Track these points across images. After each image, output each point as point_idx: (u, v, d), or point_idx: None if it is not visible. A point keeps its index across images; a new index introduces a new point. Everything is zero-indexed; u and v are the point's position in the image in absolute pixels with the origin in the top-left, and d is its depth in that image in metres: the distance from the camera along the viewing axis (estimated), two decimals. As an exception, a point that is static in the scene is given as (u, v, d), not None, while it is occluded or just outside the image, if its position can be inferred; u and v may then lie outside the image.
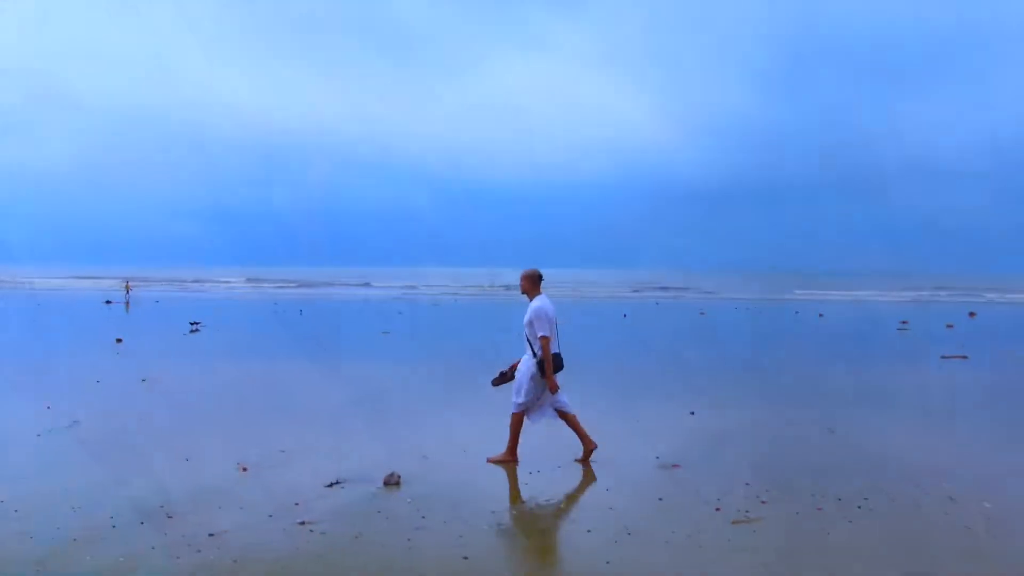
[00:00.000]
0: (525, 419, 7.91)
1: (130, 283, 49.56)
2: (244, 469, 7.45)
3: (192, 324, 25.02)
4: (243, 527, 5.82)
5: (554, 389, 7.71)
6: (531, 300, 7.88)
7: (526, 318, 7.76)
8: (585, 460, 7.88)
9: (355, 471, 7.42)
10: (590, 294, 59.42)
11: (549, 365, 7.63)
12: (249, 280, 77.39)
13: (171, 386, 12.71)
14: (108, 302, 39.65)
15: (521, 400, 7.79)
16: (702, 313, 35.63)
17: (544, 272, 8.12)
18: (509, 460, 7.87)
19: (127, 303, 38.59)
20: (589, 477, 7.35)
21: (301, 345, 20.33)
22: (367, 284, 71.44)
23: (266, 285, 70.73)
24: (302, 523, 5.92)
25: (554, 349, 7.74)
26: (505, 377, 8.20)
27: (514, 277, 8.30)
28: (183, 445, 8.43)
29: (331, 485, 6.96)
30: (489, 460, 7.95)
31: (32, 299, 43.85)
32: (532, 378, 7.74)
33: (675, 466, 7.72)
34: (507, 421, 7.93)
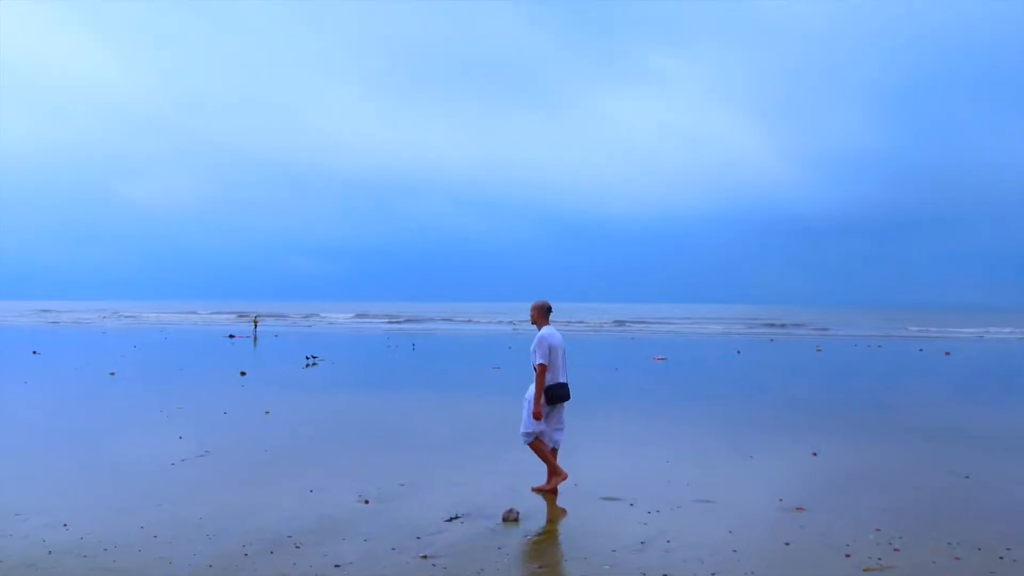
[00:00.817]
0: (549, 445, 8.11)
1: (257, 319, 51.45)
2: (366, 501, 7.62)
3: (308, 358, 25.79)
4: (367, 559, 5.94)
5: (537, 416, 7.90)
6: (539, 330, 8.09)
7: (531, 347, 8.03)
8: (543, 490, 8.07)
9: (473, 506, 7.48)
10: (701, 329, 58.47)
11: (539, 391, 7.90)
12: (359, 315, 79.27)
13: (293, 418, 13.13)
14: (231, 336, 41.34)
15: (528, 430, 8.02)
16: (818, 349, 34.56)
17: (655, 307, 8.21)
18: (558, 478, 8.08)
19: (255, 338, 40.06)
20: (708, 519, 7.19)
21: (415, 379, 20.69)
22: (470, 321, 71.93)
23: (377, 320, 72.31)
24: (424, 557, 6.00)
25: (559, 379, 8.03)
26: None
27: (621, 312, 8.30)
28: (307, 476, 8.68)
29: (451, 520, 7.03)
30: (535, 489, 8.10)
31: (160, 333, 46.12)
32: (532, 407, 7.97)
33: (799, 509, 7.48)
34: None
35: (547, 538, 6.55)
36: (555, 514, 7.37)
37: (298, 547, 6.20)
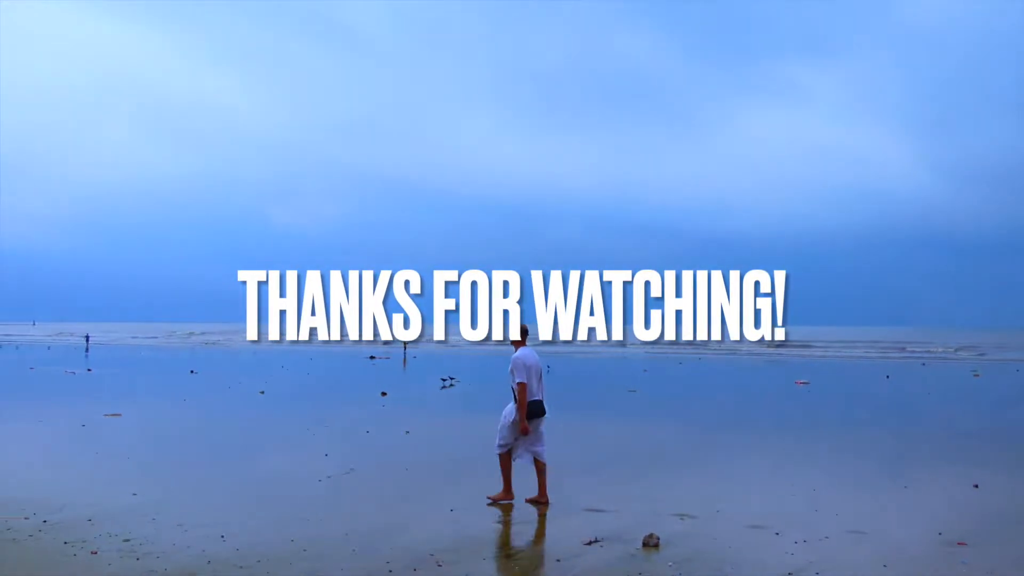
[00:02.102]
0: (513, 458, 8.62)
1: (407, 342, 52.67)
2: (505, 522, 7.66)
3: (444, 380, 26.24)
4: (508, 580, 5.96)
5: (524, 431, 8.44)
6: (515, 351, 8.55)
7: (509, 367, 8.55)
8: (534, 502, 8.54)
9: (612, 530, 7.40)
10: (846, 353, 56.12)
11: (523, 409, 8.42)
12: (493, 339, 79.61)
13: (431, 438, 13.38)
14: (372, 358, 42.63)
15: (501, 442, 8.58)
16: (976, 375, 32.53)
17: (792, 329, 7.87)
18: (507, 498, 8.57)
19: (404, 359, 41.14)
20: (861, 551, 6.84)
21: (550, 402, 20.72)
22: (605, 343, 70.95)
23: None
24: (565, 580, 5.97)
25: (536, 396, 8.54)
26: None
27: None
28: (447, 496, 8.82)
29: (590, 543, 6.98)
30: (489, 498, 8.64)
31: (304, 355, 48.03)
32: (513, 423, 8.51)
33: (961, 544, 7.03)
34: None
35: (690, 565, 6.40)
36: (698, 539, 7.22)
37: (440, 565, 6.29)
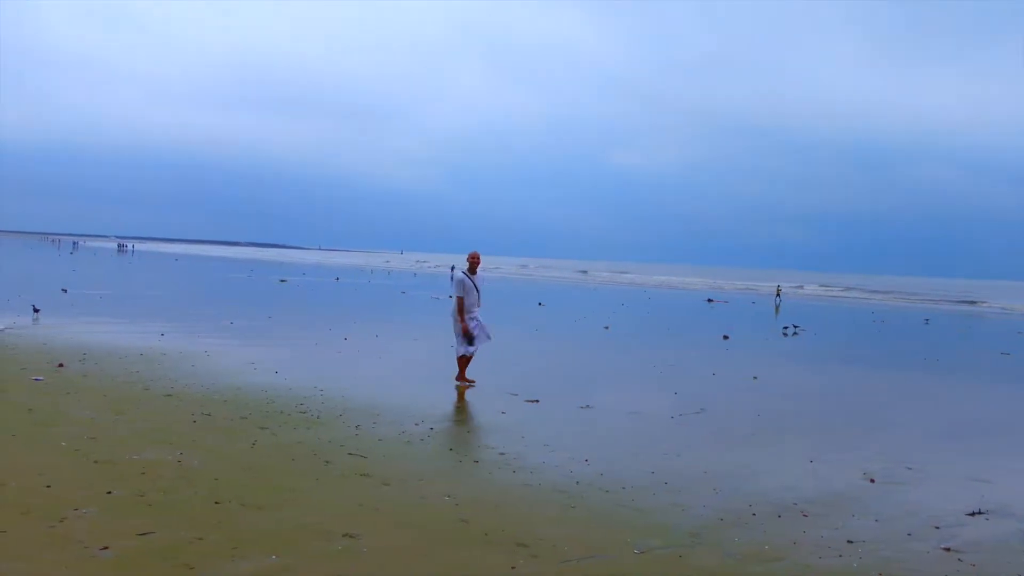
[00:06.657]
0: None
1: (780, 287, 51.64)
2: (872, 480, 7.25)
3: (787, 328, 25.26)
4: (881, 540, 5.64)
5: (465, 332, 11.57)
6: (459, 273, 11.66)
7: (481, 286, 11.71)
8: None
9: (998, 503, 6.71)
10: None
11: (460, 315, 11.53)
12: (848, 288, 74.86)
13: (781, 385, 13.01)
14: (709, 300, 42.31)
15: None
16: None
17: None
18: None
19: (777, 306, 40.49)
20: None
21: (910, 358, 19.24)
22: (975, 303, 62.89)
23: (858, 293, 68.20)
24: (947, 549, 5.52)
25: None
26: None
27: None
28: (804, 445, 8.54)
29: (973, 514, 6.38)
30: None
31: (643, 295, 48.82)
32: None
33: None
34: None
35: (1100, 554, 5.62)
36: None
37: (805, 516, 6.11)
